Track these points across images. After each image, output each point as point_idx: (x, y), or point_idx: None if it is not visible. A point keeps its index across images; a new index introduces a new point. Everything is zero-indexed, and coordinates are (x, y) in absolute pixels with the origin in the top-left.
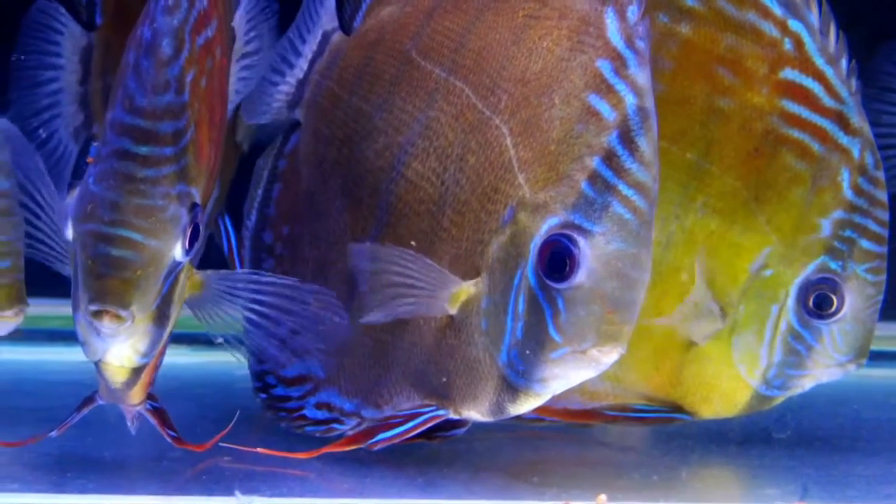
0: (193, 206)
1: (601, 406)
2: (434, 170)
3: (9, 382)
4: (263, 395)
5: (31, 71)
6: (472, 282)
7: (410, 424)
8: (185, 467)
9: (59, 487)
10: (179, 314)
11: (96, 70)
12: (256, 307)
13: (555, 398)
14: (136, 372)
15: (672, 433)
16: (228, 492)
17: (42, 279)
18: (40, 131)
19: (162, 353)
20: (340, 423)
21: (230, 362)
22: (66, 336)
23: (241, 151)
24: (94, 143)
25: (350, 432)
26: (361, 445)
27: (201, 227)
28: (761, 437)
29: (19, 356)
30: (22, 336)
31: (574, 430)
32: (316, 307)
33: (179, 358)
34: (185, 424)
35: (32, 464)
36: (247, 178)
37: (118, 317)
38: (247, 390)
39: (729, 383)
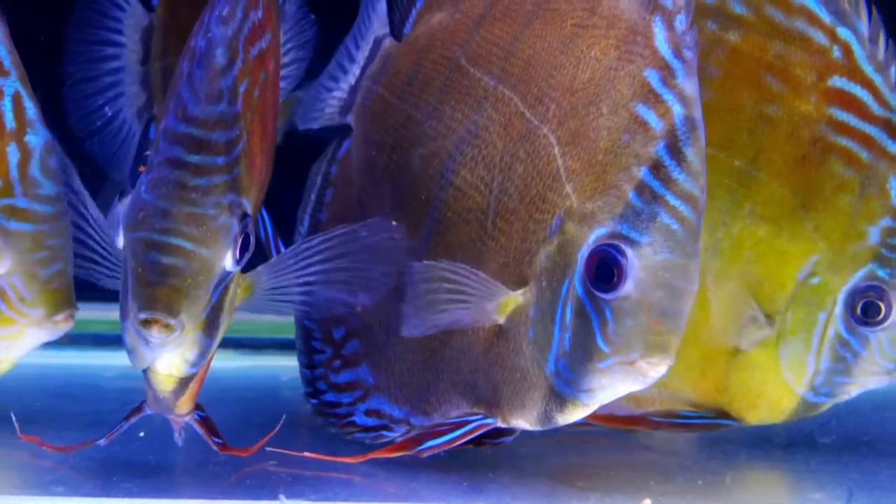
0: (244, 216)
1: (647, 412)
2: (482, 178)
3: (56, 386)
4: (314, 401)
5: (93, 46)
6: (519, 291)
7: (458, 432)
8: (230, 471)
9: (105, 492)
10: (229, 324)
11: (156, 50)
12: (311, 276)
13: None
14: (185, 382)
15: (716, 438)
16: (273, 496)
17: (89, 283)
18: (106, 109)
19: (209, 364)
20: (389, 430)
21: (275, 366)
22: (112, 340)
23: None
24: (154, 125)
25: (398, 439)
26: (409, 452)
27: (252, 238)
28: (806, 441)
29: (66, 360)
30: (69, 340)
31: (618, 435)
32: (371, 238)
33: (224, 362)
34: (230, 429)
35: (78, 468)
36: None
37: (167, 326)
38: (292, 395)
39: (776, 390)
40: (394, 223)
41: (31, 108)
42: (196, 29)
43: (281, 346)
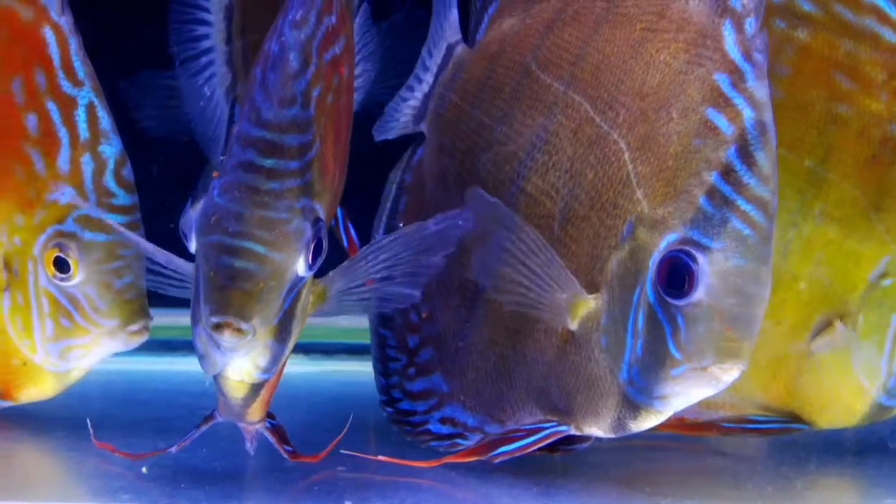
0: (317, 220)
1: (718, 417)
2: (553, 184)
3: (125, 392)
4: (389, 409)
5: (189, 25)
6: (591, 296)
7: (532, 439)
8: (297, 477)
9: (172, 499)
10: (301, 330)
11: (237, 29)
12: (381, 273)
13: None
14: (256, 388)
15: (787, 443)
16: (339, 502)
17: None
18: (205, 89)
19: (281, 370)
20: (464, 437)
21: (344, 372)
22: (181, 346)
23: None
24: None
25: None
26: (482, 457)
27: (324, 243)
28: (878, 446)
29: (135, 366)
30: (138, 347)
31: (688, 440)
32: (439, 226)
33: (293, 367)
34: (299, 435)
35: (146, 475)
36: None
37: (239, 330)
38: (360, 400)
39: (848, 393)
40: (462, 213)
41: (104, 119)
42: (270, 33)
43: (350, 351)
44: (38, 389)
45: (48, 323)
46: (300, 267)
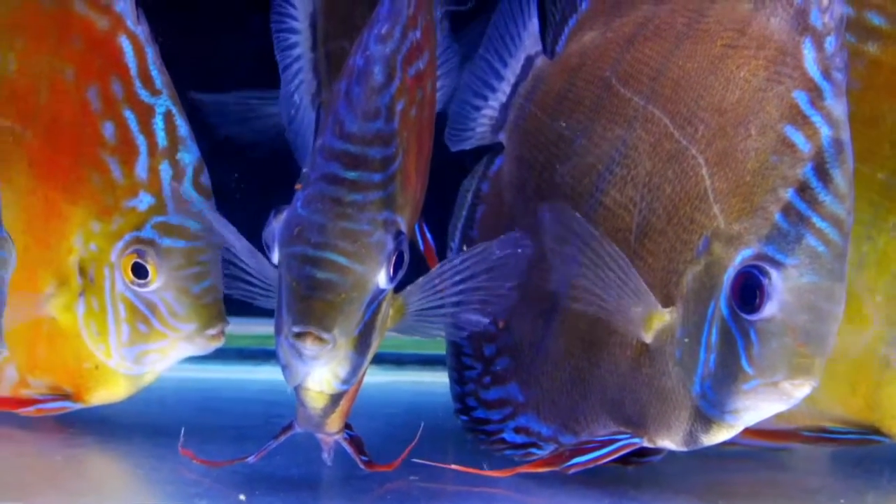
0: (398, 233)
1: (797, 427)
2: (631, 198)
3: (200, 400)
4: (464, 417)
5: (280, 34)
6: (666, 309)
7: (605, 450)
8: (371, 486)
9: None
10: (380, 343)
11: (321, 36)
12: (453, 297)
13: None
14: (335, 399)
15: (860, 456)
16: None
17: (232, 298)
18: (295, 96)
19: (360, 382)
20: (538, 447)
21: (417, 382)
22: (257, 355)
23: None
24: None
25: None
26: (556, 468)
27: (405, 256)
28: None
29: (210, 374)
30: (213, 355)
31: (760, 454)
32: (503, 253)
33: (366, 377)
34: (373, 444)
35: (222, 481)
36: None
37: (320, 339)
38: (433, 410)
39: None
40: (520, 234)
41: (182, 127)
42: (355, 47)
43: (422, 361)
44: (109, 392)
45: (124, 328)
46: (381, 279)
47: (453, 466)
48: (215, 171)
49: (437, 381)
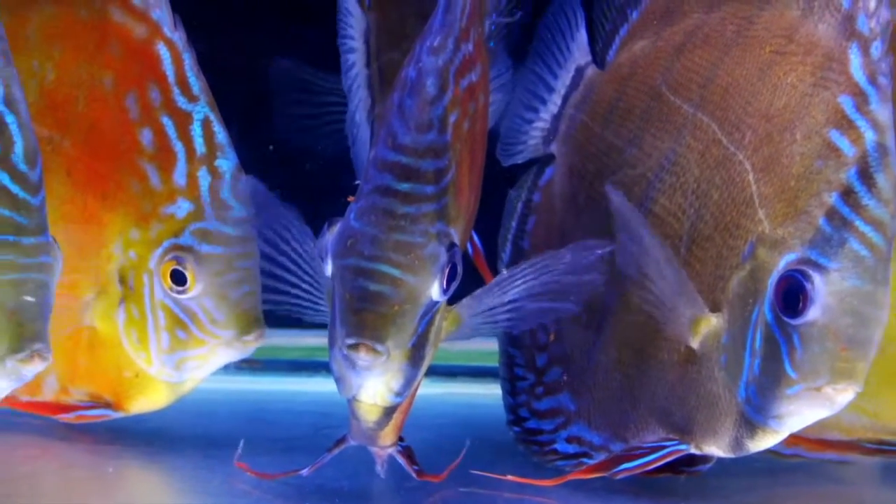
0: (452, 245)
1: (859, 439)
2: (680, 205)
3: (251, 411)
4: (517, 429)
5: (343, 56)
6: (713, 315)
7: (653, 457)
8: (420, 497)
9: None
10: (434, 355)
11: (373, 51)
12: (516, 302)
13: (814, 430)
14: (388, 412)
15: None
16: None
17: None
18: (356, 116)
19: (413, 396)
20: (589, 456)
21: (467, 394)
22: (306, 366)
23: None
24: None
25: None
26: (605, 474)
27: (459, 268)
28: None
29: (261, 386)
30: (263, 366)
31: (809, 466)
32: (575, 256)
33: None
34: (424, 455)
35: (273, 492)
36: None
37: (374, 350)
38: (483, 422)
39: None
40: (597, 244)
41: (220, 133)
42: (408, 59)
43: (473, 373)
44: (150, 400)
45: (164, 335)
46: (434, 291)
47: (508, 477)
48: (265, 180)
49: (488, 392)
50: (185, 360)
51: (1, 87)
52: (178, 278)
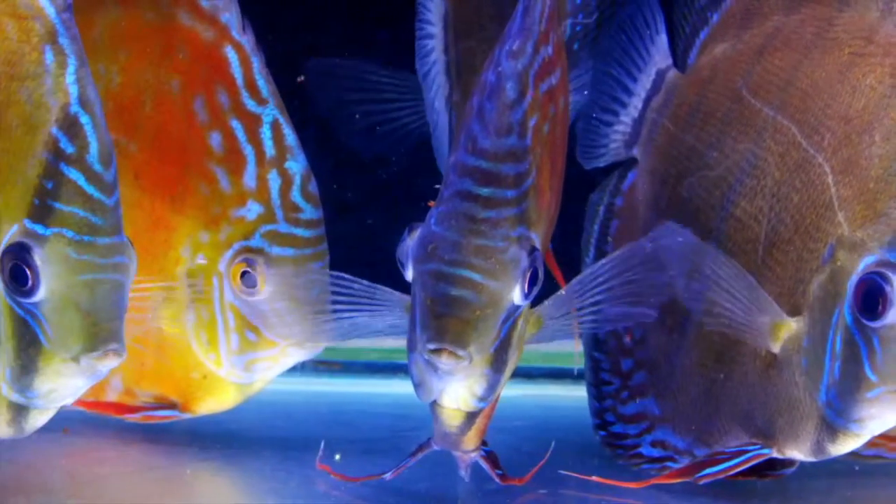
0: (533, 249)
1: None
2: (761, 209)
3: (330, 413)
4: (602, 433)
5: (420, 41)
6: (793, 319)
7: (735, 461)
8: (501, 500)
9: None
10: (517, 360)
11: (451, 38)
12: (598, 297)
13: None
14: (471, 417)
15: None
16: None
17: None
18: (436, 103)
19: (497, 400)
20: (674, 461)
21: (545, 396)
22: (384, 369)
23: None
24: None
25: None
26: (688, 479)
27: (540, 272)
28: None
29: (339, 388)
30: (342, 368)
31: (889, 467)
32: (658, 242)
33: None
34: (501, 457)
35: (352, 493)
36: None
37: (456, 355)
38: (561, 424)
39: None
40: (675, 224)
41: (289, 135)
42: (487, 63)
43: (551, 375)
44: (218, 401)
45: (233, 337)
46: (516, 296)
47: (590, 477)
48: (343, 186)
49: (565, 394)
50: (254, 361)
51: (76, 88)
52: (249, 280)
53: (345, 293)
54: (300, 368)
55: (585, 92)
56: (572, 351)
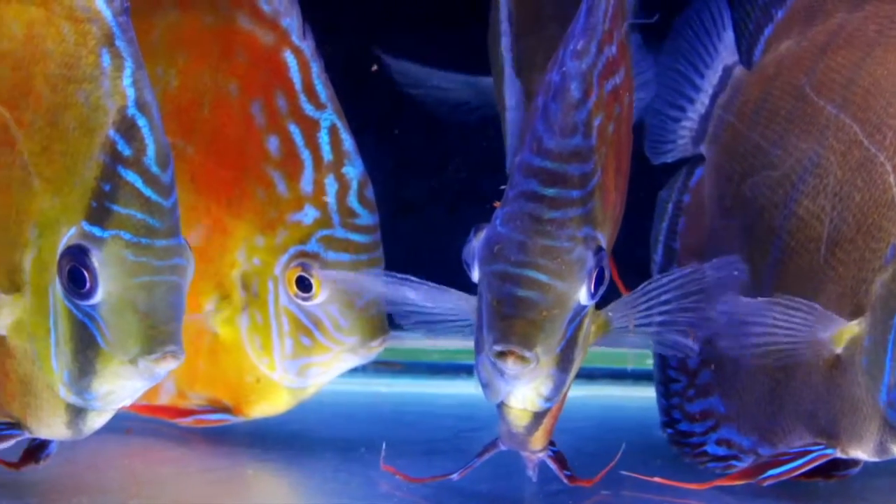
0: (599, 249)
1: None
2: (823, 207)
3: (392, 413)
4: (670, 430)
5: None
6: (855, 321)
7: (799, 462)
8: (566, 499)
9: None
10: (583, 360)
11: (517, 32)
12: (660, 315)
13: None
14: (539, 417)
15: None
16: None
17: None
18: (506, 98)
19: (564, 400)
20: (739, 460)
21: (607, 396)
22: (446, 369)
23: None
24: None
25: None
26: (752, 480)
27: (606, 272)
28: None
29: (401, 388)
30: (404, 369)
31: None
32: (717, 275)
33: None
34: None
35: (416, 494)
36: None
37: (522, 358)
38: (623, 425)
39: None
40: (738, 259)
41: (347, 141)
42: (551, 63)
43: (613, 376)
44: (271, 405)
45: (288, 341)
46: (582, 296)
47: (657, 479)
48: (406, 187)
49: (626, 395)
50: (308, 365)
51: (133, 91)
52: (304, 285)
53: (411, 295)
54: (362, 369)
55: (651, 90)
56: (630, 351)
